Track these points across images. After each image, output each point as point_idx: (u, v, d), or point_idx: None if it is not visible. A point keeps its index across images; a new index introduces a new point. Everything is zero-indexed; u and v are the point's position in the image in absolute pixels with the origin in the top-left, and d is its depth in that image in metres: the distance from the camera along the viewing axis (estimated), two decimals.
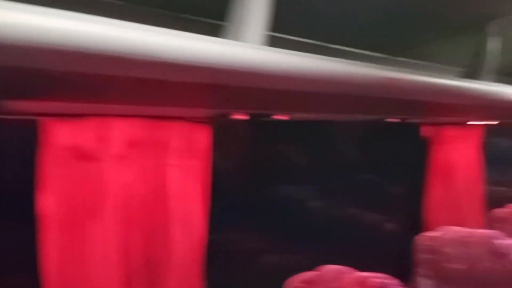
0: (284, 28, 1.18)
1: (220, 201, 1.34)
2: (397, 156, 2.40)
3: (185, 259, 1.24)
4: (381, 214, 2.35)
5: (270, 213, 1.83)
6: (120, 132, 1.09)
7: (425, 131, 2.27)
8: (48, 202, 1.02)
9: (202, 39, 0.83)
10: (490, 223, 2.73)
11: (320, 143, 2.08)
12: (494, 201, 3.39)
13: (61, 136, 1.02)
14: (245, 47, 0.88)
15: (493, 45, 1.74)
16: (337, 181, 2.20)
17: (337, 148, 2.23)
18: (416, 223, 2.28)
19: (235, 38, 0.87)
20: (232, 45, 0.86)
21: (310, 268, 1.51)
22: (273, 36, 0.99)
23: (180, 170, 1.21)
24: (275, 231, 1.86)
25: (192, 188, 1.23)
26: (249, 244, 1.73)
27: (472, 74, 1.52)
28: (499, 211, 2.70)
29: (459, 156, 2.21)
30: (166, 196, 1.21)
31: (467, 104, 1.48)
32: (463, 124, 2.21)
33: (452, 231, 1.98)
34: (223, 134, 1.39)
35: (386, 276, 1.36)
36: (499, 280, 1.81)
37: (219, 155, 1.38)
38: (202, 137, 1.24)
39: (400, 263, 2.25)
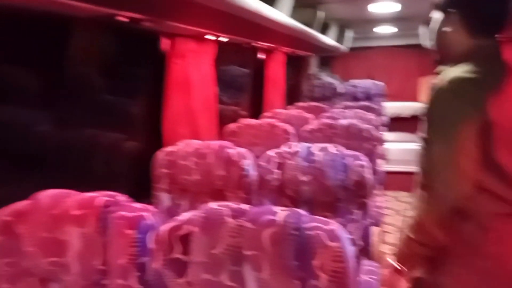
0: None
1: None
2: (134, 69, 2.23)
3: None
4: (119, 133, 2.17)
5: None
6: None
7: (163, 43, 2.15)
8: None
9: None
10: (224, 137, 2.97)
11: (43, 49, 1.68)
12: (227, 118, 3.74)
13: None
14: None
15: None
16: (66, 98, 1.88)
17: (65, 59, 1.87)
18: (155, 139, 2.21)
19: None
20: None
21: None
22: None
23: None
24: None
25: None
26: None
27: None
28: (232, 126, 2.95)
29: (195, 71, 2.20)
30: None
31: (201, 4, 1.39)
32: (199, 37, 2.19)
33: (189, 145, 2.00)
34: None
35: (115, 193, 1.21)
36: (230, 185, 1.96)
37: None
38: None
39: (141, 181, 2.17)
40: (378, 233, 2.33)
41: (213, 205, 1.06)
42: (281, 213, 0.98)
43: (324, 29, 4.12)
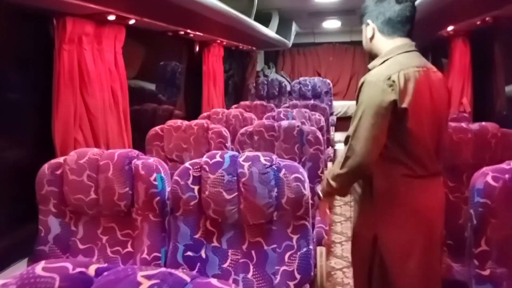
0: None
1: None
2: (16, 57, 1.74)
3: None
4: None
5: None
6: None
7: (54, 24, 1.68)
8: None
9: None
10: (149, 142, 2.53)
11: None
12: (161, 118, 3.28)
13: None
14: None
15: None
16: None
17: None
18: (46, 147, 1.74)
19: None
20: None
21: None
22: None
23: None
24: None
25: None
26: None
27: None
28: (157, 129, 2.51)
29: (95, 61, 1.76)
30: None
31: None
32: (100, 18, 1.74)
33: (82, 154, 1.56)
34: None
35: None
36: (137, 206, 1.53)
37: None
38: None
39: (25, 201, 1.70)
40: (322, 253, 2.00)
41: (39, 268, 0.64)
42: (145, 284, 0.58)
43: (266, 21, 3.77)
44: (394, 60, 1.37)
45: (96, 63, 1.78)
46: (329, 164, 3.78)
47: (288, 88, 5.71)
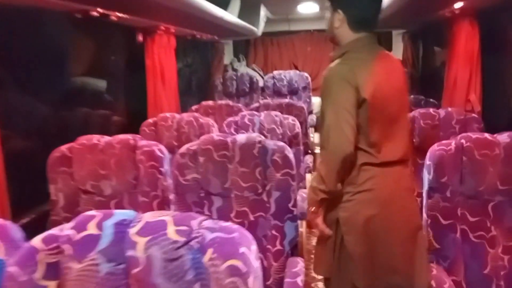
0: None
1: None
2: None
3: None
4: None
5: None
6: None
7: None
8: None
9: None
10: (53, 167, 1.83)
11: None
12: (93, 128, 2.58)
13: None
14: None
15: None
16: None
17: None
18: None
19: None
20: None
21: None
22: None
23: None
24: None
25: None
26: None
27: None
28: (63, 148, 1.80)
29: None
30: None
31: None
32: None
33: None
34: None
35: None
36: None
37: None
38: None
39: None
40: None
41: None
42: None
43: (224, 4, 3.09)
44: (353, 54, 1.42)
45: None
46: (308, 176, 3.14)
47: (261, 84, 5.04)
